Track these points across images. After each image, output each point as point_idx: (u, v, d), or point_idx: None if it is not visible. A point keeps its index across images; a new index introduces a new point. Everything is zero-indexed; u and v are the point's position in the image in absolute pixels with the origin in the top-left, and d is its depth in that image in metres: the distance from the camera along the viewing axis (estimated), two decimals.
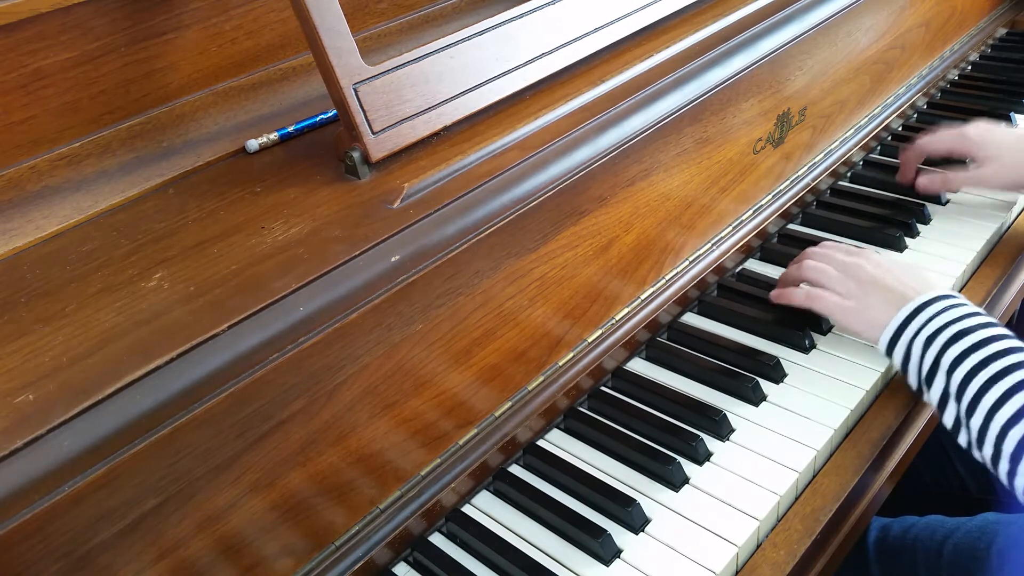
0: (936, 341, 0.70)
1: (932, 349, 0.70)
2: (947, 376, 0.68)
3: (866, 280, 0.79)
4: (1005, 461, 0.63)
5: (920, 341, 0.71)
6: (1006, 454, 0.63)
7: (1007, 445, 0.63)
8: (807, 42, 0.96)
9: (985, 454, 0.65)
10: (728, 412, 0.77)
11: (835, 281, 0.82)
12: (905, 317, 0.73)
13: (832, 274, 0.82)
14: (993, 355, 0.66)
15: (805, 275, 0.85)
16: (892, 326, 0.74)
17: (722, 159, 0.90)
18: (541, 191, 0.71)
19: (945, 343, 0.69)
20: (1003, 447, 0.63)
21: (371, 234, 0.62)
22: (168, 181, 0.71)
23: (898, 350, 0.74)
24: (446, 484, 0.70)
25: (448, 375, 0.68)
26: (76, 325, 0.55)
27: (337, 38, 0.65)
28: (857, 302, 0.79)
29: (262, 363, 0.55)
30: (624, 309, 0.83)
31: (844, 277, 0.81)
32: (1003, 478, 0.64)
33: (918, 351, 0.71)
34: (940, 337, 0.70)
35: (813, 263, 0.85)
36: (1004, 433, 0.63)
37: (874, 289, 0.78)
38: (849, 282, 0.80)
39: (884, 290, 0.77)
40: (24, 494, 0.46)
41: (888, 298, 0.76)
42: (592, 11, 0.82)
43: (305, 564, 0.63)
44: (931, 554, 0.83)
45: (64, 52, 0.65)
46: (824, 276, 0.83)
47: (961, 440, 0.68)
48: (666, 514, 0.70)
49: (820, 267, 0.84)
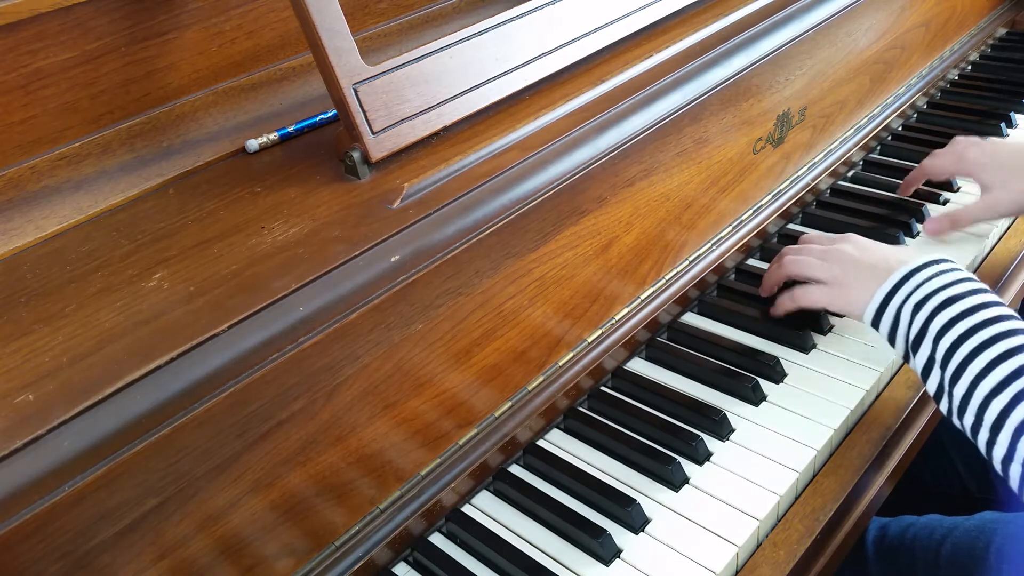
0: (925, 307, 0.69)
1: (920, 315, 0.69)
2: (934, 343, 0.67)
3: (848, 261, 0.78)
4: (985, 431, 0.62)
5: (909, 306, 0.70)
6: (987, 423, 0.62)
7: (988, 415, 0.62)
8: (807, 42, 0.96)
9: (966, 423, 0.64)
10: (728, 412, 0.77)
11: (817, 269, 0.81)
12: (894, 284, 0.72)
13: (813, 263, 0.81)
14: (981, 323, 0.65)
15: (787, 271, 0.84)
16: (879, 296, 0.73)
17: (722, 159, 0.90)
18: (541, 191, 0.71)
19: (933, 310, 0.68)
20: (984, 416, 0.62)
21: (371, 234, 0.62)
22: (168, 181, 0.71)
23: (885, 319, 0.72)
24: (446, 484, 0.70)
25: (448, 375, 0.68)
26: (76, 325, 0.55)
27: (337, 38, 0.65)
28: (841, 284, 0.78)
29: (262, 363, 0.55)
30: (624, 309, 0.83)
31: (826, 264, 0.80)
32: (982, 448, 0.63)
33: (907, 316, 0.70)
34: (929, 303, 0.69)
35: (792, 257, 0.84)
36: (987, 403, 0.62)
37: (857, 268, 0.77)
38: (832, 267, 0.79)
39: (869, 267, 0.76)
40: (24, 494, 0.46)
41: (873, 274, 0.75)
42: (592, 11, 0.82)
43: (305, 564, 0.63)
44: (929, 553, 0.83)
45: (64, 52, 0.65)
46: (806, 267, 0.82)
47: (942, 407, 0.67)
48: (666, 514, 0.70)
49: (800, 259, 0.83)
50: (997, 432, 0.61)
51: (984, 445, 0.63)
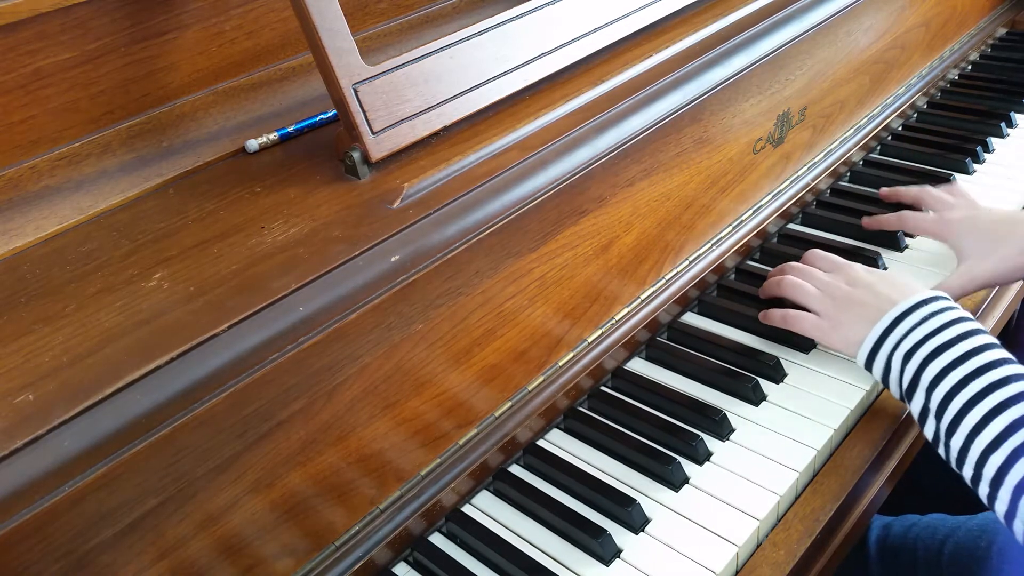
0: (915, 356, 0.67)
1: (911, 364, 0.68)
2: (927, 394, 0.66)
3: (842, 298, 0.77)
4: (985, 485, 0.61)
5: (899, 355, 0.69)
6: (986, 478, 0.61)
7: (987, 470, 0.60)
8: (807, 42, 0.96)
9: (966, 474, 0.63)
10: (728, 412, 0.77)
11: (813, 299, 0.80)
12: (883, 331, 0.71)
13: (810, 292, 0.80)
14: (973, 372, 0.63)
15: (783, 292, 0.84)
16: (869, 342, 0.72)
17: (722, 159, 0.90)
18: (541, 191, 0.71)
19: (924, 359, 0.67)
20: (983, 472, 0.61)
21: (371, 234, 0.62)
22: (168, 181, 0.71)
23: (877, 364, 0.71)
24: (446, 484, 0.70)
25: (448, 375, 0.68)
26: (76, 325, 0.55)
27: (337, 38, 0.65)
28: (833, 320, 0.77)
29: (262, 363, 0.55)
30: (624, 309, 0.83)
31: (822, 296, 0.79)
32: (984, 500, 0.62)
33: (898, 364, 0.69)
34: (919, 352, 0.67)
35: (792, 279, 0.83)
36: (985, 458, 0.61)
37: (850, 306, 0.76)
38: (826, 300, 0.78)
39: (860, 306, 0.75)
40: (24, 494, 0.46)
41: (864, 314, 0.74)
42: (592, 11, 0.82)
43: (305, 564, 0.63)
44: (932, 553, 0.83)
45: (64, 52, 0.65)
46: (801, 294, 0.81)
47: (941, 454, 0.66)
48: (666, 514, 0.70)
49: (798, 284, 0.82)
50: (997, 488, 0.60)
51: (986, 499, 0.62)
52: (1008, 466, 0.59)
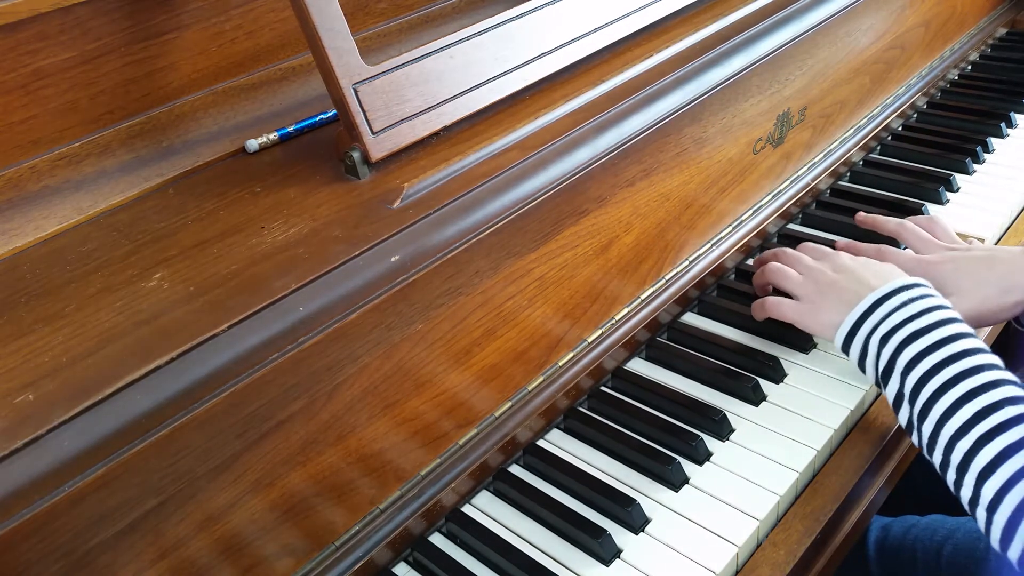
0: (892, 340, 0.68)
1: (887, 348, 0.68)
2: (901, 378, 0.66)
3: (824, 282, 0.77)
4: (952, 471, 0.61)
5: (876, 338, 0.69)
6: (953, 464, 0.61)
7: (954, 456, 0.61)
8: (807, 42, 0.96)
9: (935, 460, 0.63)
10: (728, 412, 0.77)
11: (795, 284, 0.80)
12: (861, 313, 0.71)
13: (790, 275, 0.81)
14: (946, 359, 0.64)
15: (768, 277, 0.84)
16: (847, 324, 0.72)
17: (722, 159, 0.90)
18: (541, 191, 0.71)
19: (900, 343, 0.67)
20: (951, 458, 0.61)
21: (371, 234, 0.62)
22: (168, 181, 0.71)
23: (854, 347, 0.71)
24: (446, 484, 0.70)
25: (448, 375, 0.68)
26: (76, 325, 0.55)
27: (337, 38, 0.65)
28: (813, 304, 0.77)
29: (262, 363, 0.55)
30: (624, 309, 0.83)
31: (804, 280, 0.79)
32: (950, 486, 0.62)
33: (874, 348, 0.69)
34: (896, 336, 0.67)
35: (776, 265, 0.83)
36: (952, 444, 0.61)
37: (831, 290, 0.76)
38: (808, 284, 0.79)
39: (841, 290, 0.75)
40: (24, 494, 0.46)
41: (843, 297, 0.74)
42: (592, 11, 0.82)
43: (305, 564, 0.63)
44: (931, 554, 0.83)
45: (64, 52, 0.65)
46: (781, 278, 0.81)
47: (914, 440, 0.66)
48: (666, 514, 0.70)
49: (781, 269, 0.82)
50: (963, 474, 0.60)
51: (952, 485, 0.62)
52: (973, 453, 0.59)
